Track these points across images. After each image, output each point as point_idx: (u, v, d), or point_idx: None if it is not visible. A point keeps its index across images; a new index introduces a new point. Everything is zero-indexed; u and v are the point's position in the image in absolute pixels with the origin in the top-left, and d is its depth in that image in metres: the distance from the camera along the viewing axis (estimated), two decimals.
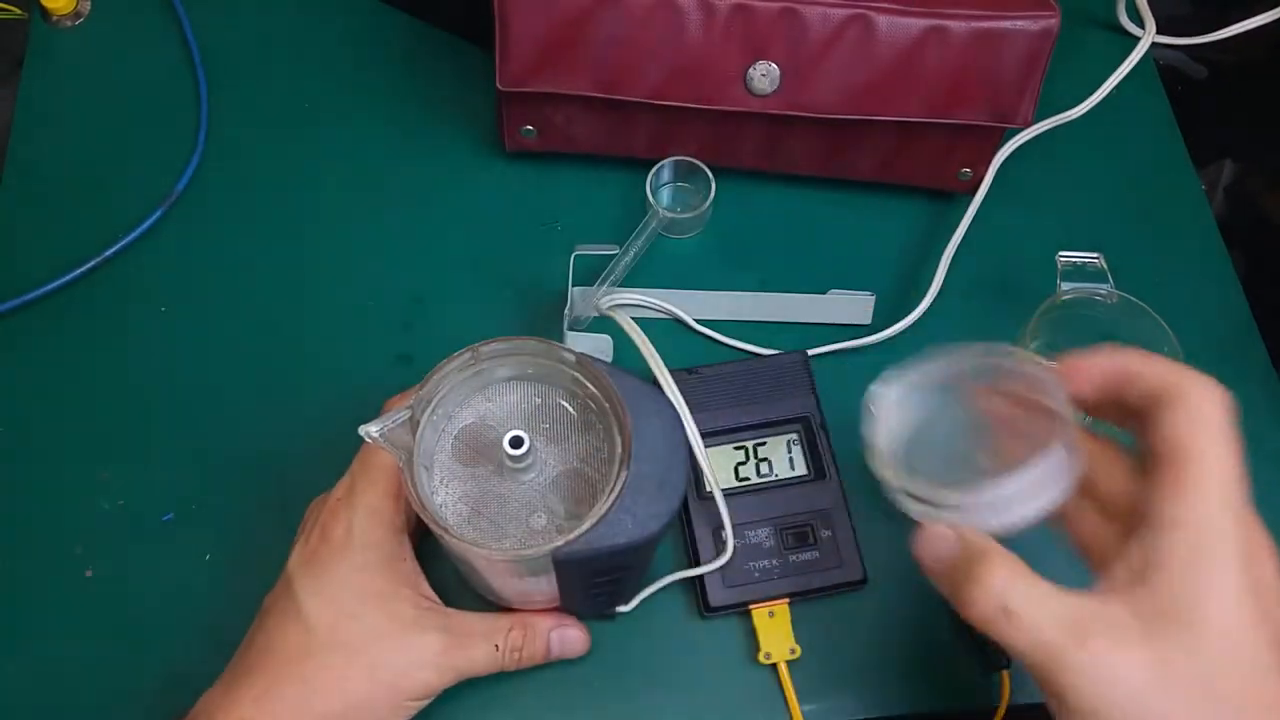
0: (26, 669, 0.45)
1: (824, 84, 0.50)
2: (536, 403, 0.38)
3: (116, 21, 0.62)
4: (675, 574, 0.46)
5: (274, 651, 0.38)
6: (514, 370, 0.38)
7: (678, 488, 0.35)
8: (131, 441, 0.50)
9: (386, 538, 0.40)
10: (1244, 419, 0.55)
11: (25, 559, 0.48)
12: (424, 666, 0.39)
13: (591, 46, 0.49)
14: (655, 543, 0.37)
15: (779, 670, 0.47)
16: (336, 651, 0.38)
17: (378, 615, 0.39)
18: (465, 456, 0.37)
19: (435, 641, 0.40)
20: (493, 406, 0.38)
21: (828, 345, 0.54)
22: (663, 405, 0.37)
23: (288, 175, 0.58)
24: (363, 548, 0.39)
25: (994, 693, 0.47)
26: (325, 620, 0.38)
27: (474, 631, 0.41)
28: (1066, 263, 0.52)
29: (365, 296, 0.55)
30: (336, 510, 0.40)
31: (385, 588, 0.39)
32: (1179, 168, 0.62)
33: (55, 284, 0.53)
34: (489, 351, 0.36)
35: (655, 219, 0.55)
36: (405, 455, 0.35)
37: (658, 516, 0.35)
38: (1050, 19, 0.49)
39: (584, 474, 0.37)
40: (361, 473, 0.41)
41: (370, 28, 0.63)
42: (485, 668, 0.42)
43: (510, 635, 0.42)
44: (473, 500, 0.36)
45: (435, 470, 0.37)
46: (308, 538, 0.40)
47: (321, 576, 0.39)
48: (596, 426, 0.37)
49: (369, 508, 0.40)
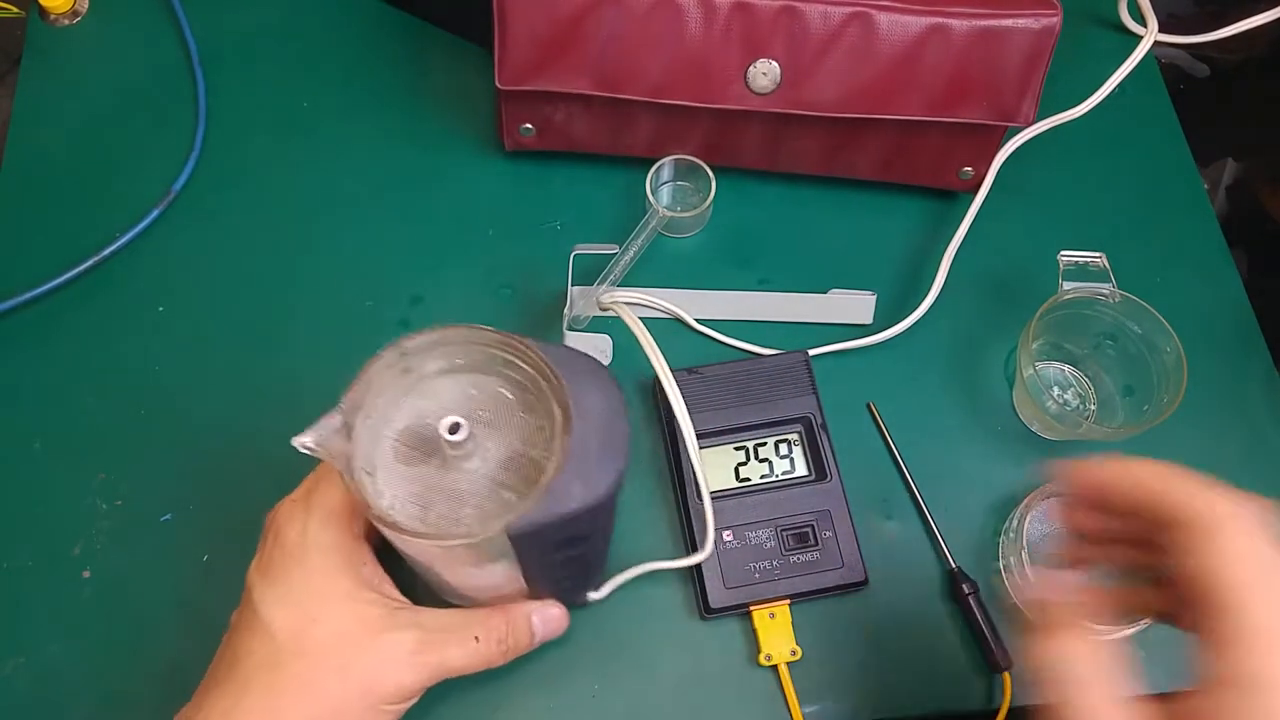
0: (26, 669, 0.45)
1: (825, 82, 0.50)
2: (472, 393, 0.37)
3: (114, 20, 0.62)
4: (649, 564, 0.46)
5: (239, 664, 0.37)
6: (444, 363, 0.37)
7: (622, 448, 0.35)
8: (130, 441, 0.50)
9: (343, 540, 0.38)
10: (1245, 419, 0.55)
11: (24, 559, 0.48)
12: (398, 666, 0.38)
13: (591, 44, 0.49)
14: (610, 509, 0.37)
15: (779, 672, 0.47)
16: (303, 658, 0.36)
17: (343, 617, 0.37)
18: (407, 456, 0.36)
19: (408, 639, 0.38)
20: (428, 403, 0.37)
21: (828, 345, 0.54)
22: (597, 369, 0.37)
23: (286, 175, 0.58)
24: (320, 550, 0.38)
25: (995, 694, 0.47)
26: (288, 627, 0.37)
27: (449, 625, 0.39)
28: (1068, 262, 0.52)
29: (364, 296, 0.55)
30: (292, 514, 0.39)
31: (347, 588, 0.38)
32: (1181, 167, 0.62)
33: (53, 283, 0.53)
34: (414, 346, 0.36)
35: (655, 218, 0.55)
36: (343, 462, 0.34)
37: (606, 478, 0.34)
38: (1052, 17, 0.49)
39: (530, 456, 0.36)
40: (322, 475, 0.40)
41: (369, 26, 0.63)
42: (466, 664, 0.40)
43: (491, 624, 0.40)
44: (422, 499, 0.36)
45: (379, 473, 0.36)
46: (263, 546, 0.39)
47: (280, 583, 0.37)
48: (536, 407, 0.37)
49: (325, 510, 0.38)
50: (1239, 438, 0.54)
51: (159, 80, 0.60)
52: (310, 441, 0.33)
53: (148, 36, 0.61)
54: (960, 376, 0.55)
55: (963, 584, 0.48)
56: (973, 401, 0.54)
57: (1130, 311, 0.52)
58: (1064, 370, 0.55)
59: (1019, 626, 0.48)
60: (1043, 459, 0.52)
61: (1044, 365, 0.55)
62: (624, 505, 0.50)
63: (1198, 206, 0.61)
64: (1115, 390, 0.54)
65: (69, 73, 0.60)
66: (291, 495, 0.40)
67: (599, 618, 0.47)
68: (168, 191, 0.56)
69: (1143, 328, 0.52)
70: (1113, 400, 0.53)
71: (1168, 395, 0.49)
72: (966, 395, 0.54)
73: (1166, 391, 0.50)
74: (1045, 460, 0.52)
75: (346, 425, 0.34)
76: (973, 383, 0.54)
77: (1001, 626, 0.48)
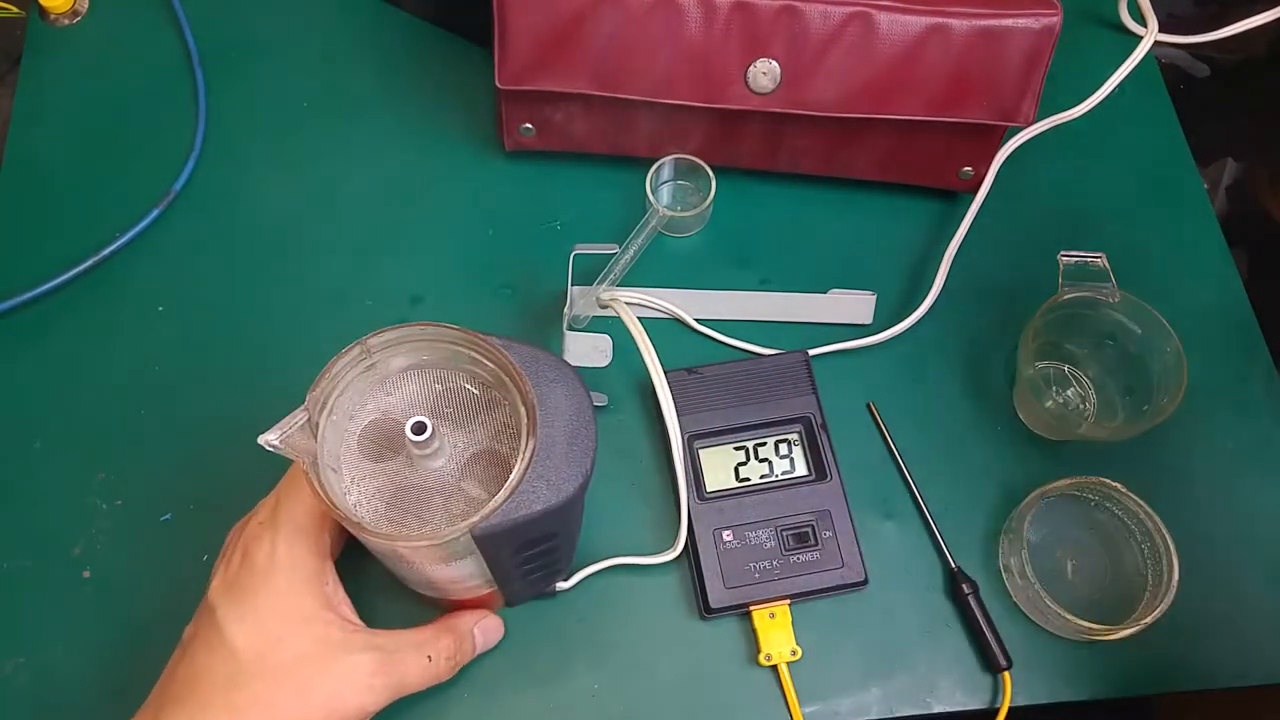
0: (25, 669, 0.45)
1: (825, 82, 0.50)
2: (438, 389, 0.37)
3: (114, 20, 0.62)
4: (621, 557, 0.47)
5: (200, 681, 0.37)
6: (409, 359, 0.37)
7: (588, 449, 0.35)
8: (130, 441, 0.50)
9: (308, 559, 0.39)
10: (1245, 418, 0.55)
11: (24, 559, 0.48)
12: (356, 688, 0.38)
13: (591, 44, 0.49)
14: (577, 507, 0.37)
15: (779, 672, 0.47)
16: (264, 678, 0.37)
17: (304, 639, 0.38)
18: (373, 453, 0.37)
19: (367, 662, 0.39)
20: (393, 400, 0.37)
21: (829, 345, 0.54)
22: (563, 369, 0.37)
23: (286, 175, 0.58)
24: (287, 570, 0.38)
25: (995, 693, 0.47)
26: (252, 647, 0.37)
27: (402, 646, 0.40)
28: (1069, 262, 0.52)
29: (364, 296, 0.55)
30: (259, 533, 0.39)
31: (310, 610, 0.38)
32: (1181, 166, 0.62)
33: (52, 283, 0.53)
34: (378, 343, 0.36)
35: (655, 217, 0.55)
36: (309, 459, 0.34)
37: (572, 478, 0.35)
38: (1052, 17, 0.49)
39: (497, 452, 0.37)
40: (285, 494, 0.40)
41: (369, 26, 0.63)
42: (421, 681, 0.41)
43: (441, 643, 0.42)
44: (387, 495, 0.36)
45: (344, 470, 0.36)
46: (228, 563, 0.39)
47: (245, 602, 0.38)
48: (502, 403, 0.37)
49: (292, 528, 0.39)
50: (1239, 438, 0.54)
51: (159, 80, 0.60)
52: (275, 439, 0.33)
53: (148, 36, 0.61)
54: (960, 376, 0.55)
55: (963, 584, 0.48)
56: (973, 401, 0.54)
57: (1130, 311, 0.52)
58: (1064, 370, 0.55)
59: (1019, 626, 0.49)
60: (1043, 459, 0.52)
61: (1044, 365, 0.55)
62: (622, 503, 0.50)
63: (1198, 206, 0.61)
64: (1115, 390, 0.54)
65: (69, 73, 0.60)
66: (257, 517, 0.40)
67: (599, 618, 0.48)
68: (168, 191, 0.56)
69: (1143, 328, 0.52)
70: (1113, 400, 0.53)
71: (1168, 395, 0.49)
72: (966, 395, 0.54)
73: (1166, 391, 0.50)
74: (1045, 460, 0.52)
75: (312, 422, 0.34)
76: (973, 383, 0.54)
77: (1001, 626, 0.48)
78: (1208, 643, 0.49)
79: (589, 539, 0.49)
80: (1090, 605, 0.48)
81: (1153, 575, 0.49)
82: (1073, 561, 0.50)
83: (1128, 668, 0.48)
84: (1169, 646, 0.49)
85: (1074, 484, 0.50)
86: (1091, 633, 0.46)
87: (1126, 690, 0.48)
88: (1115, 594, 0.49)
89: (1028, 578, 0.47)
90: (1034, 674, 0.48)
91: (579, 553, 0.48)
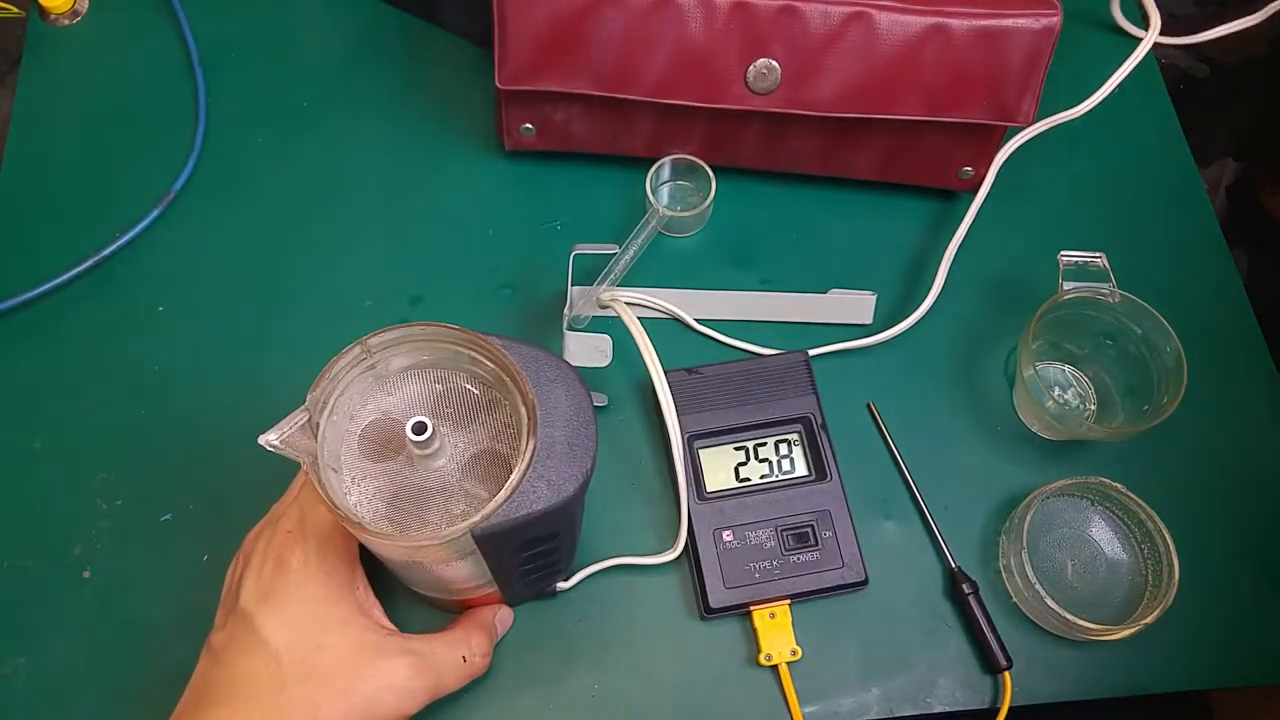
0: (25, 669, 0.45)
1: (825, 82, 0.50)
2: (438, 389, 0.37)
3: (114, 20, 0.62)
4: (621, 558, 0.47)
5: (239, 687, 0.37)
6: (409, 359, 0.37)
7: (589, 449, 0.35)
8: (130, 441, 0.50)
9: (340, 565, 0.40)
10: (1245, 418, 0.55)
11: (24, 559, 0.48)
12: (395, 691, 0.39)
13: (591, 44, 0.49)
14: (577, 507, 0.37)
15: (780, 672, 0.47)
16: (307, 682, 0.37)
17: (344, 644, 0.38)
18: (373, 453, 0.37)
19: (404, 665, 0.39)
20: (394, 399, 0.37)
21: (828, 345, 0.54)
22: (563, 369, 0.37)
23: (285, 175, 0.58)
24: (322, 577, 0.39)
25: (995, 693, 0.47)
26: (294, 652, 0.37)
27: (437, 649, 0.41)
28: (1069, 262, 0.52)
29: (364, 296, 0.55)
30: (290, 542, 0.40)
31: (347, 616, 0.39)
32: (1181, 166, 0.62)
33: (52, 283, 0.53)
34: (378, 343, 0.36)
35: (655, 218, 0.55)
36: (309, 459, 0.34)
37: (573, 479, 0.35)
38: (1052, 17, 0.49)
39: (497, 452, 0.37)
40: (309, 502, 0.41)
41: (369, 26, 0.63)
42: (457, 681, 0.42)
43: (474, 641, 0.43)
44: (387, 495, 0.36)
45: (345, 470, 0.36)
46: (260, 571, 0.40)
47: (284, 609, 0.38)
48: (502, 403, 0.37)
49: (320, 535, 0.40)
50: (1239, 438, 0.54)
51: (159, 80, 0.60)
52: (275, 439, 0.33)
53: (148, 37, 0.61)
54: (960, 376, 0.55)
55: (963, 584, 0.48)
56: (973, 401, 0.54)
57: (1130, 311, 0.52)
58: (1064, 370, 0.55)
59: (1019, 626, 0.49)
60: (1042, 459, 0.52)
61: (1044, 365, 0.55)
62: (622, 503, 0.50)
63: (1198, 206, 0.61)
64: (1115, 390, 0.54)
65: (69, 73, 0.60)
66: (284, 525, 0.40)
67: (599, 618, 0.48)
68: (168, 191, 0.56)
69: (1143, 328, 0.52)
70: (1113, 400, 0.53)
71: (1168, 395, 0.49)
72: (966, 395, 0.54)
73: (1166, 391, 0.50)
74: (1045, 460, 0.52)
75: (312, 422, 0.34)
76: (973, 383, 0.54)
77: (1001, 626, 0.48)
78: (1208, 643, 0.49)
79: (589, 539, 0.49)
80: (1090, 605, 0.48)
81: (1153, 575, 0.49)
82: (1073, 561, 0.50)
83: (1128, 668, 0.48)
84: (1169, 646, 0.49)
85: (1074, 484, 0.50)
86: (1091, 633, 0.46)
87: (1127, 690, 0.48)
88: (1115, 594, 0.49)
89: (1028, 578, 0.47)
90: (1034, 674, 0.48)
91: (579, 553, 0.48)
